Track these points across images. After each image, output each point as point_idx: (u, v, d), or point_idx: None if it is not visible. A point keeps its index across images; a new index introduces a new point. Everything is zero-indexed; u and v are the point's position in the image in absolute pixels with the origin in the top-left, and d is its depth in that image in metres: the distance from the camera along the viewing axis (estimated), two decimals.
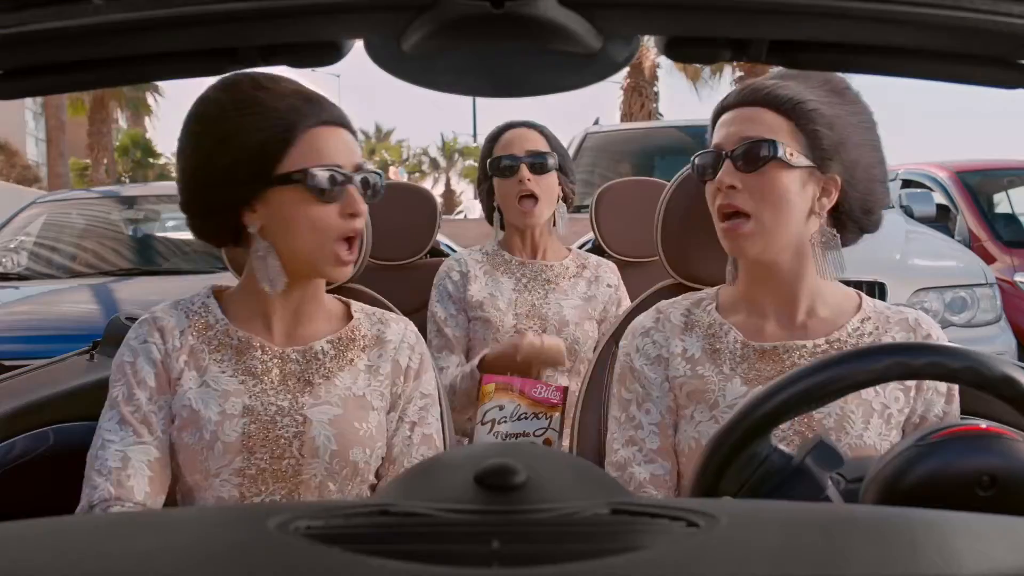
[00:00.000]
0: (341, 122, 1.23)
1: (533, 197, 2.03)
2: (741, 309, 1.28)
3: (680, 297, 1.35)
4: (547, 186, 2.05)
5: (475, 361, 1.87)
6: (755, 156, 1.18)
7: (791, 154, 1.18)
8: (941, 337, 1.24)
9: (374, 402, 1.26)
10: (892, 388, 1.20)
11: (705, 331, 1.27)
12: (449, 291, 2.06)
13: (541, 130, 2.10)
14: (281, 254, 1.22)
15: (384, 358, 1.30)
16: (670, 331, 1.29)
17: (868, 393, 1.19)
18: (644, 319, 1.33)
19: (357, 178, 1.22)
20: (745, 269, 1.27)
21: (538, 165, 2.03)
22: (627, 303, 2.12)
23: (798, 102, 1.19)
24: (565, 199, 2.12)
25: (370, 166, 1.25)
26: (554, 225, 2.12)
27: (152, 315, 1.26)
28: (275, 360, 1.24)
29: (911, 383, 1.21)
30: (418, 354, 1.33)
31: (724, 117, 1.24)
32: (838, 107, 1.21)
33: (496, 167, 2.07)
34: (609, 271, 2.14)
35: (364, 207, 1.22)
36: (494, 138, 2.12)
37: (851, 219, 1.24)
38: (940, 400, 1.22)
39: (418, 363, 1.33)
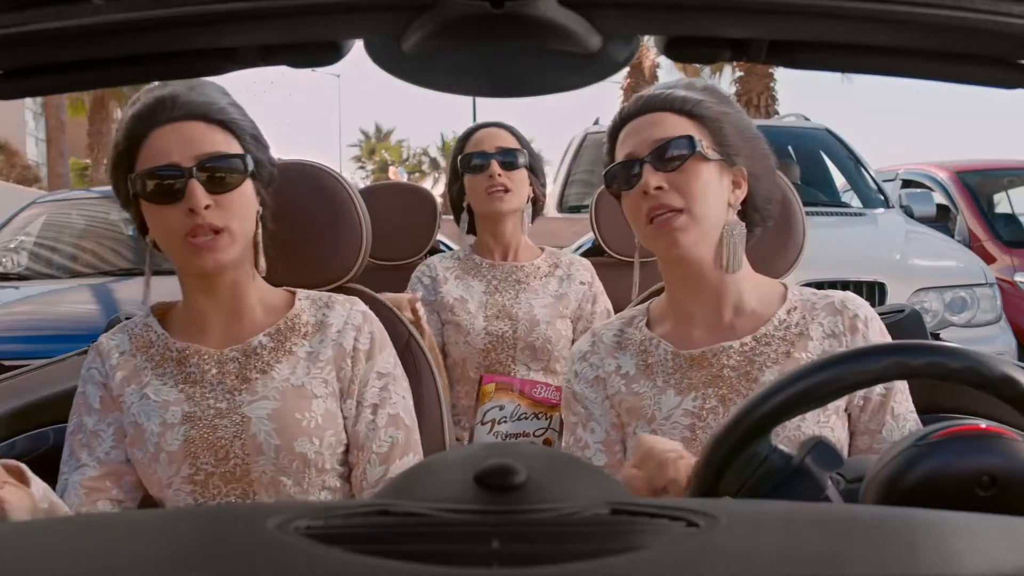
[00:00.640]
0: (188, 115, 1.18)
1: (504, 190, 2.05)
2: (669, 319, 1.29)
3: (614, 317, 1.36)
4: (518, 180, 2.07)
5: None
6: (675, 154, 1.20)
7: (707, 147, 1.21)
8: (870, 316, 1.23)
9: (316, 390, 1.24)
10: None
11: (637, 348, 1.28)
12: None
13: (511, 130, 2.13)
14: (173, 260, 1.23)
15: (325, 343, 1.27)
16: (604, 351, 1.30)
17: None
18: (581, 344, 1.34)
19: (194, 171, 1.15)
20: (670, 275, 1.28)
21: (508, 162, 2.06)
22: (603, 300, 2.14)
23: (696, 102, 1.23)
24: (535, 201, 2.13)
25: (230, 151, 1.19)
26: (530, 223, 2.15)
27: (96, 342, 1.29)
28: (212, 363, 1.24)
29: None
30: (367, 334, 1.29)
31: (627, 128, 1.25)
32: (724, 106, 1.26)
33: (467, 164, 2.10)
34: (582, 268, 2.16)
35: (202, 202, 1.15)
36: (465, 138, 2.16)
37: (755, 210, 1.27)
38: (880, 393, 1.21)
39: (368, 343, 1.29)
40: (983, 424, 0.77)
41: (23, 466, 1.07)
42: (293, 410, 1.21)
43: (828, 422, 1.19)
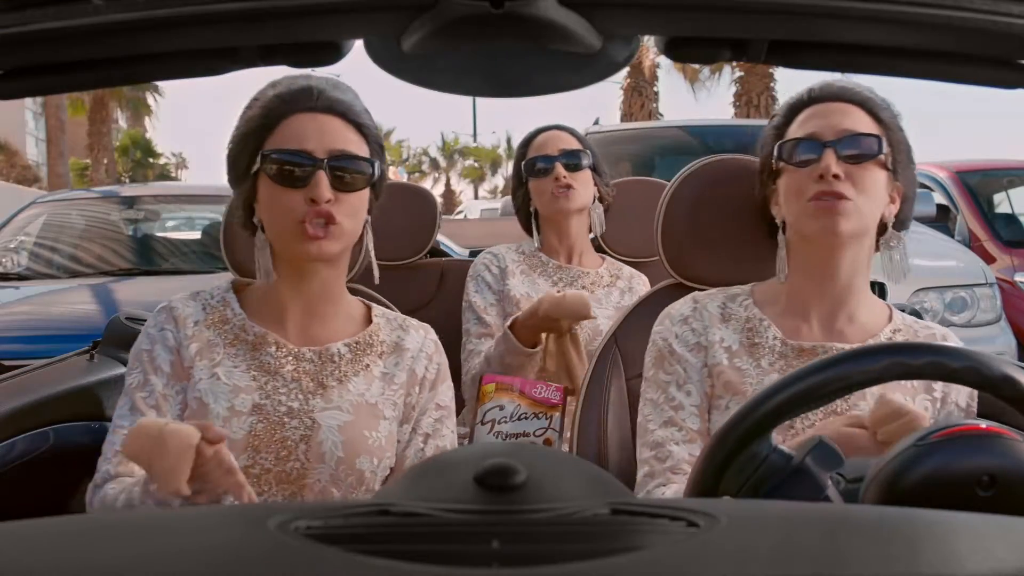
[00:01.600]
0: (329, 109, 1.21)
1: (570, 188, 2.04)
2: (780, 307, 1.29)
3: (715, 290, 1.36)
4: (583, 181, 2.06)
5: (507, 323, 1.88)
6: (861, 151, 1.21)
7: (888, 155, 1.22)
8: None
9: (386, 411, 1.24)
10: (920, 399, 1.23)
11: (743, 325, 1.29)
12: (488, 282, 2.07)
13: (572, 131, 2.12)
14: (271, 243, 1.23)
15: (400, 366, 1.28)
16: (708, 320, 1.30)
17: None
18: (681, 307, 1.34)
19: (326, 163, 1.17)
20: (801, 267, 1.28)
21: (572, 164, 2.05)
22: None
23: (884, 108, 1.25)
24: (601, 200, 2.12)
25: (360, 153, 1.21)
26: (589, 231, 2.12)
27: (169, 304, 1.27)
28: (289, 358, 1.23)
29: (938, 395, 1.24)
30: (436, 364, 1.31)
31: (815, 108, 1.26)
32: (899, 121, 1.27)
33: (531, 168, 2.08)
34: (642, 283, 2.14)
35: (326, 194, 1.17)
36: (527, 143, 2.14)
37: (890, 231, 1.28)
38: (960, 415, 1.24)
39: (435, 373, 1.31)
40: (983, 424, 0.77)
41: (215, 427, 1.06)
42: (363, 427, 1.21)
43: None
